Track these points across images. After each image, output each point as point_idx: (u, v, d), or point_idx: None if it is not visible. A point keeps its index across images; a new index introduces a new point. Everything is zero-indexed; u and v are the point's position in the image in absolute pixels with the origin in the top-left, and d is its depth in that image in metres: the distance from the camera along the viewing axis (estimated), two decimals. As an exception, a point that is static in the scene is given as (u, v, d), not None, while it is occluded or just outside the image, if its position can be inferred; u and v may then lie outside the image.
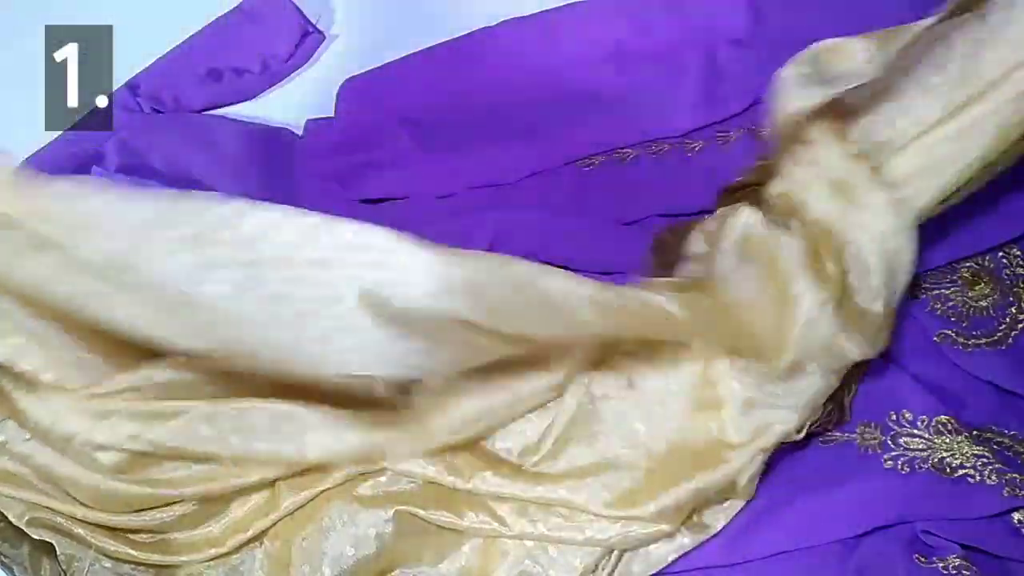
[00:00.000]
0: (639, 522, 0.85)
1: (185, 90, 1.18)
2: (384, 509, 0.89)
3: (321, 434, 0.86)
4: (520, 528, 0.87)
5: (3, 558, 0.90)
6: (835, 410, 0.90)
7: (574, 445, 0.88)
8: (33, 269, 0.78)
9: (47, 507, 0.89)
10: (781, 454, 0.88)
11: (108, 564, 0.90)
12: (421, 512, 0.89)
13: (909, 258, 0.83)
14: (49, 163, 1.12)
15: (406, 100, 1.14)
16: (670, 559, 0.87)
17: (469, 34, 1.15)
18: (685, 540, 0.87)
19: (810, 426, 0.88)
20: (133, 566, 0.91)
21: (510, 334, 0.77)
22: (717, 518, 0.88)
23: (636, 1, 1.12)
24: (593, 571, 0.88)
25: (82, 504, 0.90)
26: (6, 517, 0.90)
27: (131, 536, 0.91)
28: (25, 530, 0.89)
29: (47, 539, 0.89)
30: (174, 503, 0.91)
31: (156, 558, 0.90)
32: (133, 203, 0.75)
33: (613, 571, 0.88)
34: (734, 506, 0.88)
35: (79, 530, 0.90)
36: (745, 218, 0.83)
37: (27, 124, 1.16)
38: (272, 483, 0.91)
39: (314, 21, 1.21)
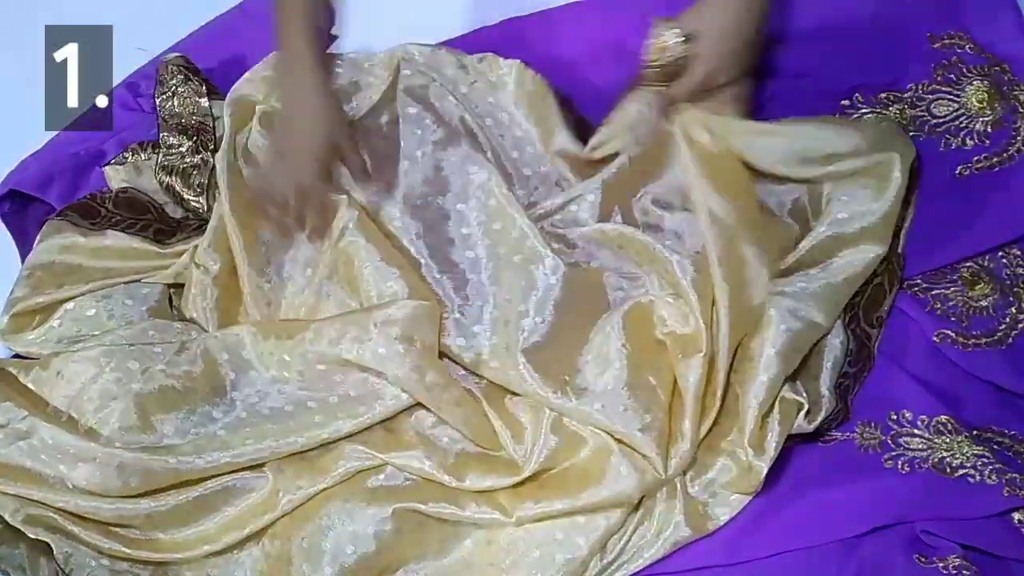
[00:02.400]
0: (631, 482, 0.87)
1: (185, 89, 1.18)
2: (383, 507, 0.89)
3: None
4: (521, 513, 0.88)
5: (0, 560, 0.90)
6: (843, 408, 0.90)
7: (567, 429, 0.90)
8: None
9: (40, 502, 0.90)
10: (782, 452, 0.88)
11: (106, 562, 0.90)
12: (422, 507, 0.89)
13: None
14: (49, 163, 1.12)
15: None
16: (672, 544, 0.88)
17: (469, 34, 1.15)
18: (686, 531, 0.87)
19: (821, 421, 0.89)
20: (130, 564, 0.91)
21: None
22: (723, 511, 0.88)
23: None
24: (601, 552, 0.88)
25: (78, 491, 0.90)
26: (2, 518, 0.90)
27: (123, 532, 0.91)
28: (21, 528, 0.89)
29: (43, 538, 0.89)
30: (166, 489, 0.91)
31: (149, 555, 0.90)
32: None
33: (621, 553, 0.88)
34: (740, 501, 0.88)
35: (73, 528, 0.90)
36: None
37: (27, 124, 1.16)
38: (261, 465, 0.92)
39: (315, 21, 1.21)
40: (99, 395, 0.93)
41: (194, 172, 1.07)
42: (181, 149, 1.08)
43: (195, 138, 1.08)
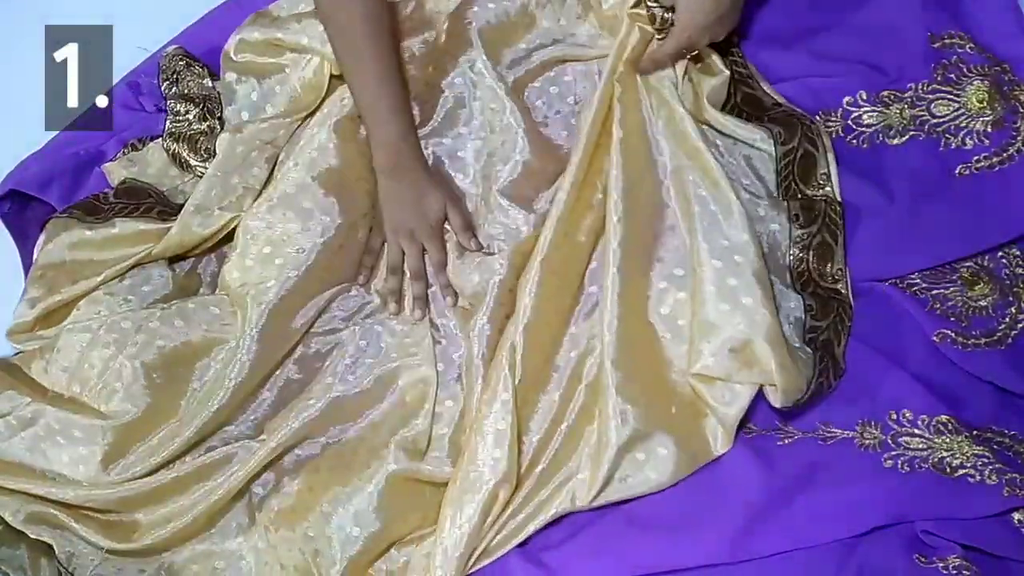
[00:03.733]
0: None
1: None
2: (377, 483, 0.90)
3: None
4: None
5: (1, 561, 0.90)
6: (830, 359, 0.90)
7: None
8: None
9: (41, 496, 0.90)
10: (781, 450, 0.88)
11: (110, 556, 0.90)
12: (417, 465, 0.92)
13: None
14: (49, 163, 1.12)
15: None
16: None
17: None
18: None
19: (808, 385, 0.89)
20: (133, 560, 0.91)
21: None
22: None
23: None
24: None
25: (78, 483, 0.91)
26: (3, 519, 0.90)
27: (125, 523, 0.92)
28: (22, 529, 0.89)
29: (45, 537, 0.89)
30: (172, 461, 0.93)
31: (152, 543, 0.91)
32: None
33: None
34: None
35: (75, 525, 0.90)
36: None
37: (27, 124, 1.16)
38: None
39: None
40: (100, 359, 0.95)
41: (201, 138, 1.07)
42: (188, 116, 1.08)
43: (202, 105, 1.08)
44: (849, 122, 1.02)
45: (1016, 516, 0.86)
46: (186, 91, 1.10)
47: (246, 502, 0.94)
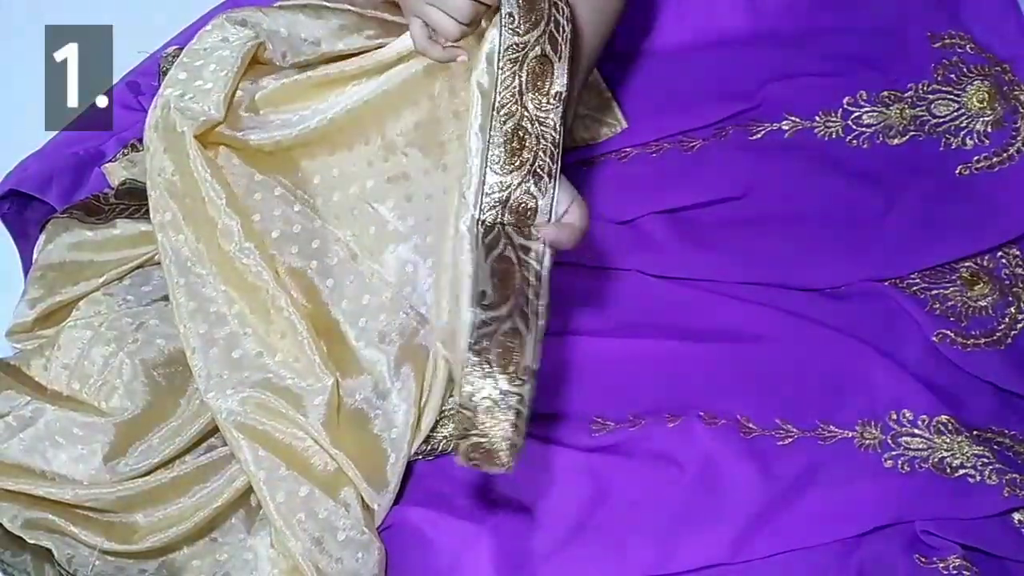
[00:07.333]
0: None
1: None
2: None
3: None
4: None
5: (6, 566, 0.90)
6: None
7: None
8: None
9: (40, 496, 0.90)
10: (781, 450, 0.89)
11: (111, 558, 0.91)
12: None
13: None
14: (49, 163, 1.12)
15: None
16: None
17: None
18: None
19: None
20: (134, 560, 0.91)
21: None
22: None
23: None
24: None
25: (77, 482, 0.91)
26: (2, 525, 0.90)
27: (125, 523, 0.92)
28: (20, 534, 0.89)
29: (44, 543, 0.89)
30: (172, 460, 0.93)
31: (152, 543, 0.90)
32: None
33: None
34: None
35: (74, 528, 0.90)
36: None
37: (27, 124, 1.17)
38: None
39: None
40: (101, 356, 0.95)
41: None
42: None
43: None
44: (849, 122, 1.02)
45: (1016, 516, 0.86)
46: None
47: (249, 506, 0.94)
